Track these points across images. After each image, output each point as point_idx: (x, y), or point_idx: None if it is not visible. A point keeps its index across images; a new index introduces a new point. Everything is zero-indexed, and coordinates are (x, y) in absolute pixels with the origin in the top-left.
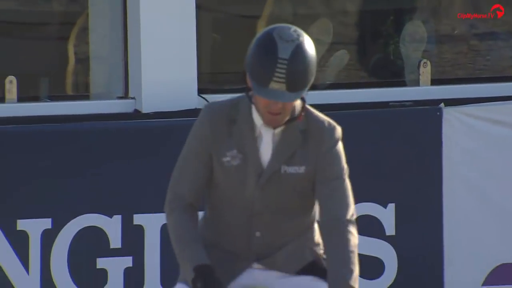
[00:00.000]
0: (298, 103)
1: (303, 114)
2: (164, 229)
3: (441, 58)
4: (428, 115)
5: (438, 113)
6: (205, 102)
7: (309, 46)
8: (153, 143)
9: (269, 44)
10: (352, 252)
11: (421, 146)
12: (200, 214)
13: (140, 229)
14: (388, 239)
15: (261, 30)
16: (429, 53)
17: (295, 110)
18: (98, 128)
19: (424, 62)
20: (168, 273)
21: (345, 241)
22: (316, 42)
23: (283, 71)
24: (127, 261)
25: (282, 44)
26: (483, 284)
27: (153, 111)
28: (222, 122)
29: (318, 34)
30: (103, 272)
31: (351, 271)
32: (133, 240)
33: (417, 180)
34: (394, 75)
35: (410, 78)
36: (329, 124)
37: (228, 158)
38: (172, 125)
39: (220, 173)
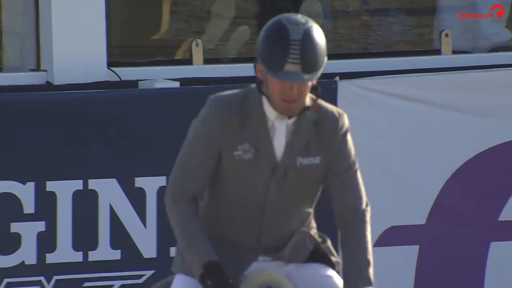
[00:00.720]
0: (308, 95)
1: (316, 103)
2: (76, 195)
3: (336, 33)
4: (324, 87)
5: (333, 86)
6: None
7: (318, 29)
8: (64, 113)
9: (280, 29)
10: (368, 242)
11: None
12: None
13: (52, 195)
14: None
15: (166, 5)
16: (324, 28)
17: (305, 102)
18: (10, 99)
19: None
20: (80, 237)
21: (362, 232)
22: (219, 17)
23: (297, 51)
24: (40, 226)
25: (292, 27)
26: (374, 246)
27: (64, 83)
28: (232, 114)
29: (221, 9)
30: (17, 236)
31: (368, 262)
32: (46, 205)
33: None
34: None
35: None
36: (339, 113)
37: (239, 152)
38: (82, 97)
39: (230, 167)
